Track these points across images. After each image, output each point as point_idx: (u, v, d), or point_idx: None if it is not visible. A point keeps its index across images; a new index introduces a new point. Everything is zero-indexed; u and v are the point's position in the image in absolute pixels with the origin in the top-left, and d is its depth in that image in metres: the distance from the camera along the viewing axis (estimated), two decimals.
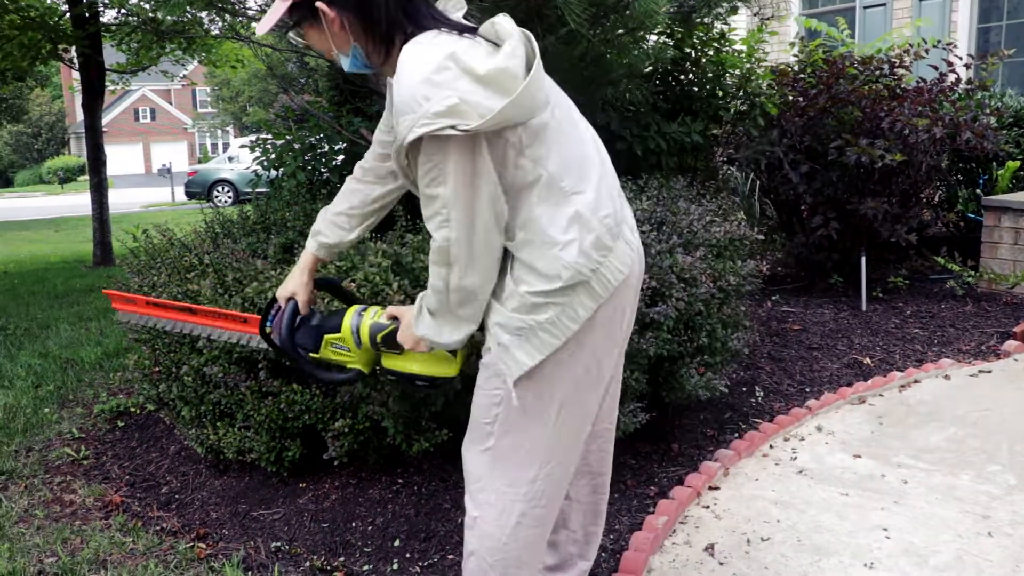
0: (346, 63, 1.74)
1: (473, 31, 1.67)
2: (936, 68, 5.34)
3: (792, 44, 5.98)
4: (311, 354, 1.99)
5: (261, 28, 1.75)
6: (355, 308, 1.96)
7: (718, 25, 4.56)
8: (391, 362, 1.90)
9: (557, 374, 1.70)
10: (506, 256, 1.70)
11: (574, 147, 1.69)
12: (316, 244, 2.05)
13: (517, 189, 1.64)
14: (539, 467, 1.76)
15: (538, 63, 1.60)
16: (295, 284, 2.04)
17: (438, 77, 1.51)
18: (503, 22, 1.66)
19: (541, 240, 1.64)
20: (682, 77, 4.60)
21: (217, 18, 4.02)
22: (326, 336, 1.97)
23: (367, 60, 1.73)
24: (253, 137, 4.51)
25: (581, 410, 1.79)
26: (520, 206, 1.65)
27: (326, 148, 4.31)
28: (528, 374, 1.68)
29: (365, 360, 1.95)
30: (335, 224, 2.04)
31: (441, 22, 1.66)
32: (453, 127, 1.50)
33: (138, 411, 3.67)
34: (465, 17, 1.82)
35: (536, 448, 1.75)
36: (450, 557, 2.47)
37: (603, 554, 2.46)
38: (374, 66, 1.74)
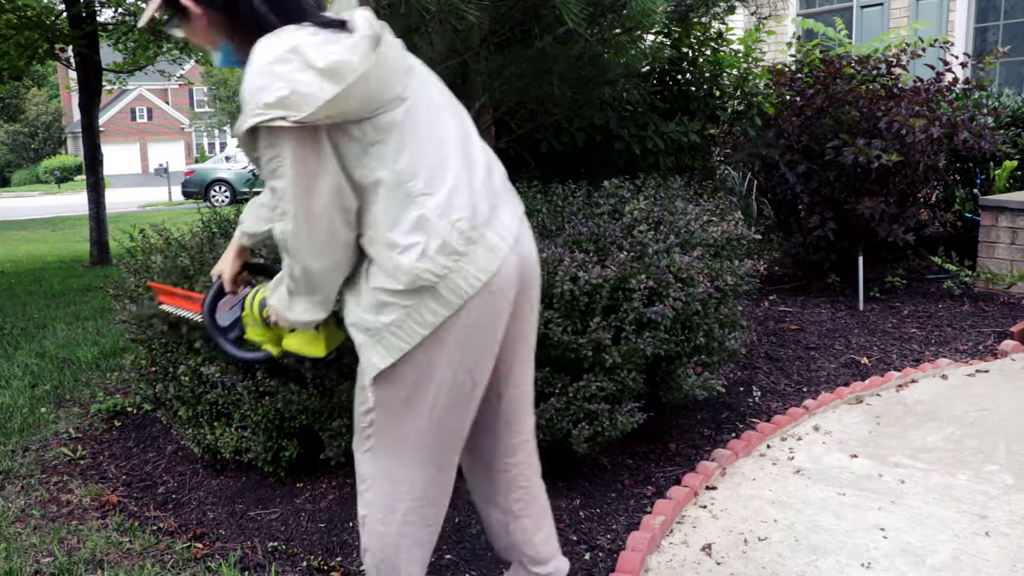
0: (217, 58, 1.76)
1: (343, 25, 1.64)
2: (933, 68, 5.35)
3: (789, 44, 5.99)
4: (244, 334, 2.01)
5: (141, 22, 1.78)
6: (262, 285, 1.96)
7: (715, 25, 4.57)
8: (285, 341, 1.92)
9: (423, 380, 1.71)
10: (363, 253, 1.70)
11: (430, 147, 1.66)
12: (240, 231, 2.09)
13: (364, 187, 1.63)
14: (419, 468, 1.79)
15: (381, 60, 1.58)
16: (223, 264, 2.09)
17: (278, 68, 1.53)
18: (356, 16, 1.64)
19: (383, 242, 1.64)
20: (679, 77, 4.61)
21: None
22: (241, 314, 1.99)
23: (238, 56, 1.72)
24: None
25: (457, 415, 1.79)
26: (367, 204, 1.65)
27: None
28: (393, 379, 1.70)
29: (269, 338, 1.96)
30: (258, 216, 2.06)
31: (310, 15, 1.65)
32: (284, 118, 1.52)
33: (135, 411, 3.67)
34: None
35: (414, 450, 1.78)
36: (447, 557, 2.47)
37: (600, 554, 2.47)
38: (244, 62, 1.71)
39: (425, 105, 1.69)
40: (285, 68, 1.52)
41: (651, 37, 4.37)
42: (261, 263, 2.38)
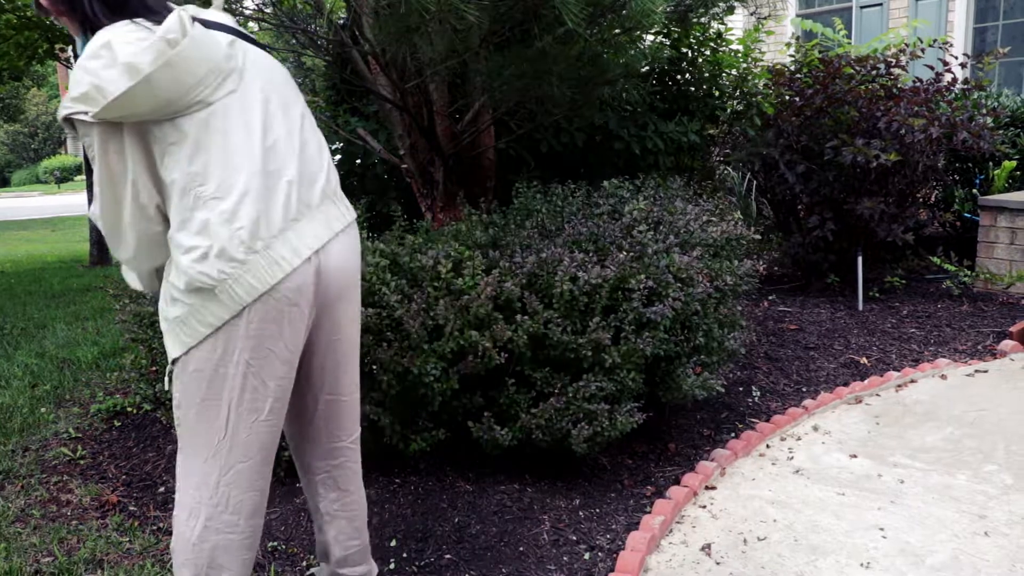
0: (79, 47, 1.78)
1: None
2: (932, 68, 5.35)
3: (788, 44, 5.99)
4: None
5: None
6: None
7: (714, 25, 4.57)
8: None
9: (215, 381, 1.75)
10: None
11: (228, 154, 1.69)
12: None
13: (166, 186, 1.69)
14: (219, 473, 1.81)
15: (173, 64, 1.59)
16: None
17: (89, 64, 1.60)
18: (170, 17, 1.64)
19: (175, 241, 1.71)
20: (679, 77, 4.61)
21: None
22: None
23: None
24: None
25: (255, 420, 1.80)
26: (167, 203, 1.71)
27: None
28: (188, 377, 1.75)
29: None
30: None
31: (151, 11, 1.69)
32: (85, 112, 1.59)
33: (135, 411, 3.67)
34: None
35: (215, 455, 1.80)
36: (447, 557, 2.48)
37: (600, 554, 2.47)
38: None
39: (237, 111, 1.72)
40: (95, 64, 1.59)
41: (650, 37, 4.37)
42: None
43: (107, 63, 1.58)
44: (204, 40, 1.66)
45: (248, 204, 1.69)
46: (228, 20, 1.82)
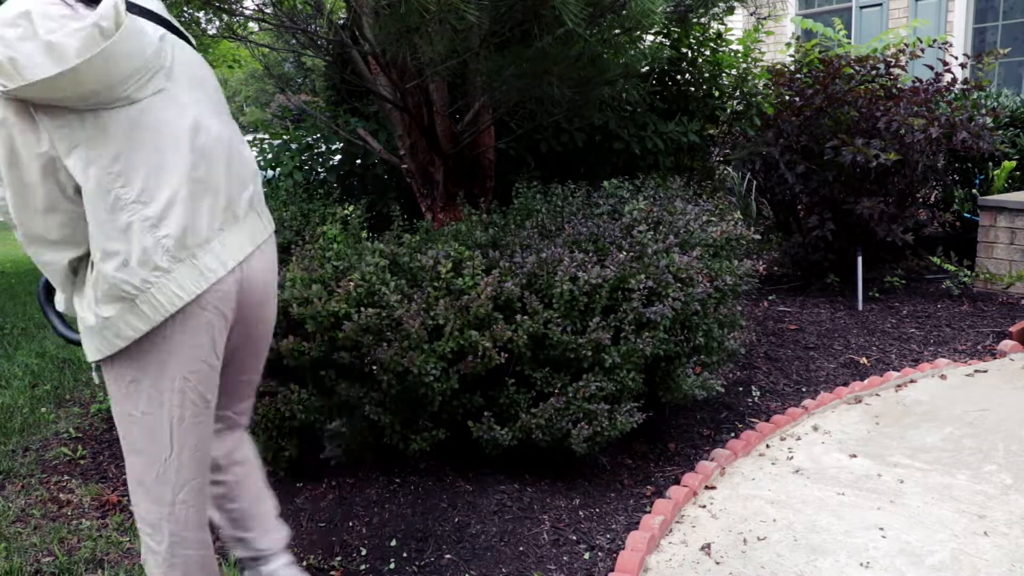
0: None
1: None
2: (932, 68, 5.35)
3: (788, 44, 6.00)
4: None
5: None
6: None
7: (714, 25, 4.57)
8: None
9: (155, 399, 1.69)
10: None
11: (152, 156, 1.59)
12: None
13: (75, 177, 1.56)
14: (173, 492, 1.77)
15: (105, 55, 1.49)
16: None
17: (5, 32, 1.46)
18: (104, 3, 1.52)
19: (93, 245, 1.60)
20: (679, 77, 4.61)
21: (214, 18, 4.04)
22: None
23: None
24: (250, 137, 4.51)
25: (200, 435, 1.77)
26: (83, 201, 1.59)
27: (323, 148, 4.32)
28: (130, 393, 1.68)
29: None
30: None
31: None
32: None
33: None
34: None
35: (165, 471, 1.75)
36: (447, 557, 2.48)
37: (600, 554, 2.47)
38: None
39: (166, 111, 1.62)
40: (12, 32, 1.46)
41: (650, 37, 4.38)
42: None
43: (24, 35, 1.45)
44: (136, 33, 1.56)
45: (175, 212, 1.61)
46: (156, 6, 1.69)
